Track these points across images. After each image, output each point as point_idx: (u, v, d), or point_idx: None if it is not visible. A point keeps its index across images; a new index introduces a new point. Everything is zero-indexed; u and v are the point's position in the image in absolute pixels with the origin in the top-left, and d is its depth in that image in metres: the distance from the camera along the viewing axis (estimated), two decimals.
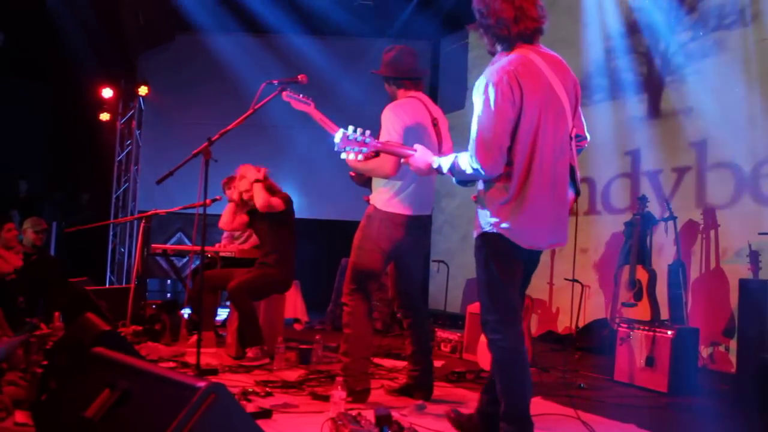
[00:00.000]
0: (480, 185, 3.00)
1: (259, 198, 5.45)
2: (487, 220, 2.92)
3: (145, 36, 10.42)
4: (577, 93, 3.09)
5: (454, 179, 3.03)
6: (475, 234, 3.01)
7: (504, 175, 2.86)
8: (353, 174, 4.38)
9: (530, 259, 3.10)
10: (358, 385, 4.04)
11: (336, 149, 3.16)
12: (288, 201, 5.65)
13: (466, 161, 2.87)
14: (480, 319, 3.08)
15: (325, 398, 3.76)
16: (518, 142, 2.84)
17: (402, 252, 4.23)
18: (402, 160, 3.16)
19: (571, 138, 3.03)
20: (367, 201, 4.31)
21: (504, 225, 2.87)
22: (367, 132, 3.15)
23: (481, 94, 2.83)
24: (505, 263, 2.96)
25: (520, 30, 2.91)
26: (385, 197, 4.14)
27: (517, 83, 2.81)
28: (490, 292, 2.99)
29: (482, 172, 2.82)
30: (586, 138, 3.21)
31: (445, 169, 3.00)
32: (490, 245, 2.94)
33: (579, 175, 3.08)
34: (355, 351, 4.13)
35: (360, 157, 3.12)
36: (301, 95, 4.49)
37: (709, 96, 6.18)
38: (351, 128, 3.14)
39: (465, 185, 3.07)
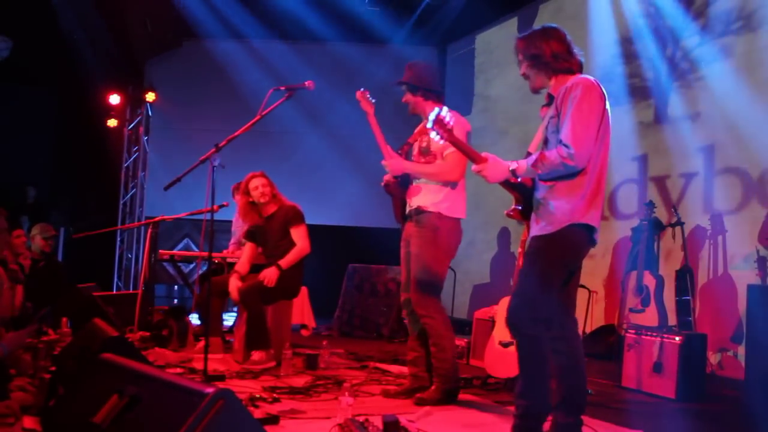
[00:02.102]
0: (547, 188, 3.14)
1: (296, 258, 5.53)
2: (569, 215, 3.06)
3: (152, 43, 10.47)
4: None
5: (538, 175, 3.14)
6: (549, 230, 3.09)
7: (583, 171, 3.06)
8: (393, 181, 4.39)
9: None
10: (450, 385, 4.19)
11: (429, 125, 3.21)
12: (302, 215, 5.68)
13: (556, 152, 3.02)
14: (512, 316, 3.13)
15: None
16: (597, 142, 3.09)
17: None
18: (473, 167, 3.20)
19: None
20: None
21: (586, 216, 3.08)
22: (453, 120, 3.21)
23: (578, 95, 3.07)
24: (572, 258, 3.16)
25: (577, 56, 3.31)
26: (449, 203, 4.25)
27: (604, 94, 3.16)
28: (543, 288, 3.07)
29: (575, 159, 2.98)
30: None
31: (529, 164, 3.10)
32: (566, 239, 3.07)
33: None
34: (451, 356, 4.23)
35: (441, 142, 3.20)
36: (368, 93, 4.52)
37: (717, 101, 6.17)
38: (445, 109, 3.20)
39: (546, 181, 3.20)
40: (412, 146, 4.42)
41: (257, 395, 4.02)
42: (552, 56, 3.22)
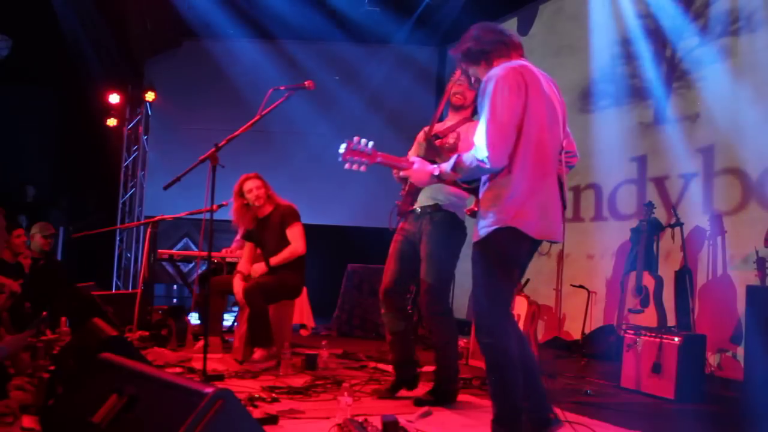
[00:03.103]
0: (482, 188, 3.05)
1: (287, 257, 5.54)
2: (495, 218, 2.94)
3: (152, 42, 10.47)
4: (564, 111, 3.21)
5: (458, 179, 3.10)
6: (480, 235, 3.00)
7: (508, 170, 2.94)
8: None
9: (530, 254, 3.16)
10: (451, 385, 4.24)
11: (340, 159, 3.17)
12: (298, 215, 5.67)
13: (472, 154, 2.94)
14: (475, 324, 3.10)
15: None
16: (522, 136, 2.93)
17: None
18: (401, 173, 3.20)
19: (561, 149, 3.14)
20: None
21: (514, 218, 2.92)
22: (370, 143, 3.19)
23: (489, 90, 2.93)
24: (509, 263, 3.02)
25: (511, 36, 3.17)
26: (462, 204, 4.24)
27: (522, 79, 2.96)
28: (490, 295, 3.02)
29: (488, 162, 2.88)
30: (576, 155, 3.33)
31: (448, 169, 3.06)
32: (497, 244, 2.96)
33: (566, 187, 3.16)
34: (455, 356, 4.29)
35: (363, 168, 3.17)
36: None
37: (716, 102, 6.17)
38: (356, 139, 3.17)
39: (470, 185, 3.16)
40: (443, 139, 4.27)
41: (256, 395, 4.02)
42: (487, 42, 3.13)
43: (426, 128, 4.24)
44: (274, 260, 5.49)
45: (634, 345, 5.03)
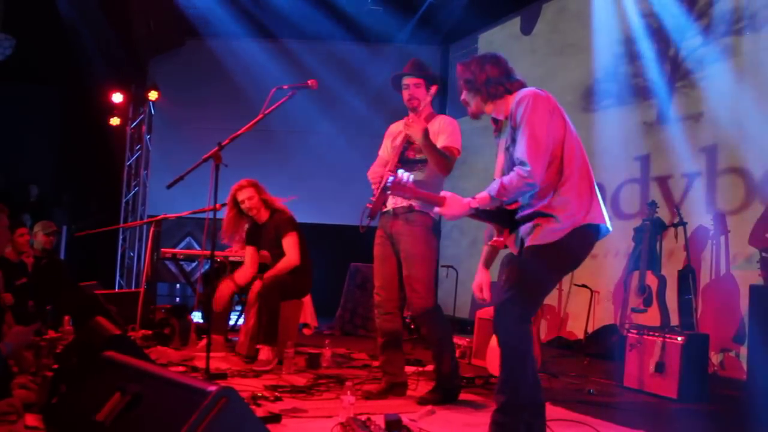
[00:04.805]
0: (538, 203, 3.06)
1: (281, 271, 5.54)
2: (570, 220, 3.00)
3: (155, 41, 10.48)
4: None
5: (504, 201, 3.11)
6: (556, 237, 3.00)
7: (566, 179, 3.03)
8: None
9: None
10: (452, 383, 4.25)
11: (388, 192, 3.21)
12: (292, 224, 5.70)
13: (514, 174, 3.00)
14: (502, 308, 3.07)
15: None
16: (566, 149, 3.05)
17: None
18: (435, 209, 3.21)
19: None
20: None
21: (588, 216, 3.02)
22: (411, 177, 3.20)
23: (521, 112, 3.04)
24: (576, 262, 3.15)
25: (516, 80, 3.25)
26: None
27: (551, 98, 3.11)
28: (535, 292, 3.11)
29: (532, 175, 2.95)
30: None
31: (494, 193, 3.06)
32: (573, 244, 3.02)
33: None
34: (451, 353, 4.29)
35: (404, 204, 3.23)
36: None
37: (719, 101, 6.16)
38: (401, 173, 3.19)
39: (510, 207, 3.19)
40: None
41: (259, 394, 4.03)
42: (485, 81, 3.22)
43: (393, 126, 4.41)
44: (268, 276, 5.51)
45: (637, 344, 5.02)
